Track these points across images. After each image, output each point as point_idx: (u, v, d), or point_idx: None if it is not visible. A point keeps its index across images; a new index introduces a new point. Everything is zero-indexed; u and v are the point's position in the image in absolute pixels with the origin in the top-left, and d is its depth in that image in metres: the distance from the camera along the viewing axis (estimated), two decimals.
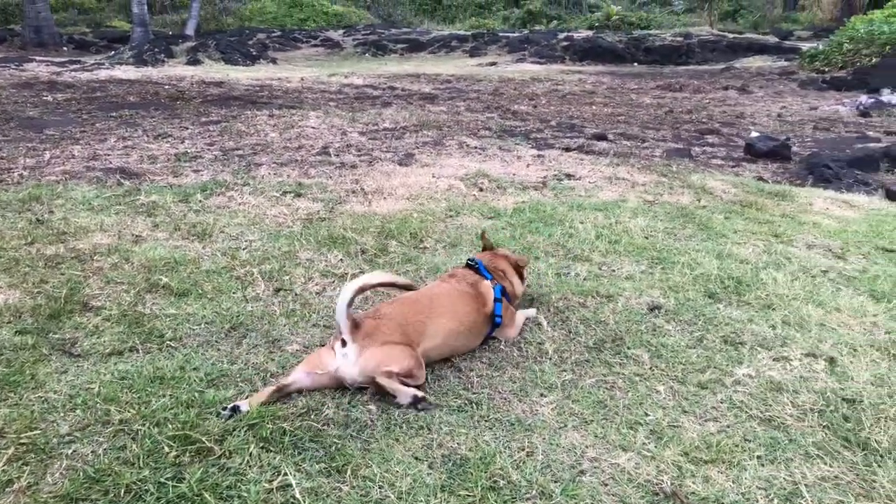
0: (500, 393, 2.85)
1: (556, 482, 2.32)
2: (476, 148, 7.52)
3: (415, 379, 2.78)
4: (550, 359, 3.13)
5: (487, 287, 3.31)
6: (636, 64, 21.58)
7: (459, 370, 3.01)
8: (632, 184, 6.11)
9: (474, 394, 2.83)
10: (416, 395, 2.70)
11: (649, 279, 4.01)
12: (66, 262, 3.97)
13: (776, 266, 4.25)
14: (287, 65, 20.10)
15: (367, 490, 2.26)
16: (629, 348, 3.22)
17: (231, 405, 2.62)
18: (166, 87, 12.80)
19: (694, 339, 3.32)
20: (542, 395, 2.85)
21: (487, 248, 3.66)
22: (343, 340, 2.80)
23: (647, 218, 5.09)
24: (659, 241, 4.63)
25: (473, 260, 3.47)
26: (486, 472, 2.34)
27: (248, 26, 32.47)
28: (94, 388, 2.74)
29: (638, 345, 3.25)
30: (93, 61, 18.21)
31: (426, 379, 2.87)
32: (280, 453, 2.40)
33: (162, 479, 2.25)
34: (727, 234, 4.80)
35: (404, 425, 2.59)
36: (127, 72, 15.54)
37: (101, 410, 2.60)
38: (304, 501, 2.20)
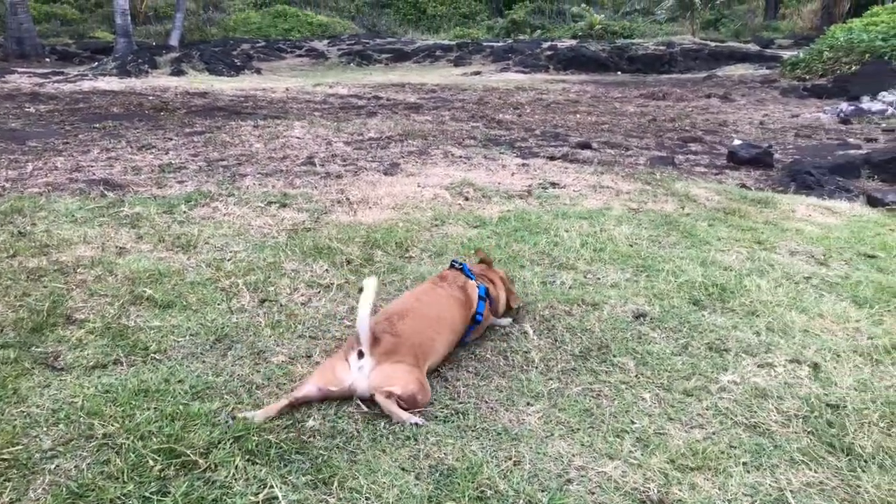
0: (486, 402, 2.85)
1: (543, 491, 2.32)
2: (461, 157, 7.53)
3: (416, 406, 2.72)
4: (537, 367, 3.13)
5: (473, 288, 3.34)
6: (619, 73, 21.74)
7: (446, 380, 3.01)
8: (616, 192, 6.14)
9: (461, 403, 2.83)
10: (414, 423, 2.64)
11: (634, 287, 4.03)
12: (49, 274, 3.94)
13: (760, 273, 4.28)
14: (272, 75, 20.08)
15: (353, 502, 2.25)
16: (615, 356, 3.23)
17: (241, 416, 2.61)
18: (150, 98, 12.75)
19: (679, 347, 3.34)
20: (528, 403, 2.85)
21: (485, 262, 3.67)
22: (360, 352, 2.76)
23: (632, 226, 5.11)
24: (643, 248, 4.66)
25: (457, 262, 3.48)
26: (473, 483, 2.33)
27: (232, 37, 32.43)
28: (77, 401, 2.72)
29: (624, 352, 3.27)
30: (76, 72, 18.11)
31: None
32: (266, 466, 2.39)
33: (147, 494, 2.23)
34: (711, 242, 4.83)
35: (391, 436, 2.59)
36: (110, 83, 15.47)
37: (85, 424, 2.57)
38: None
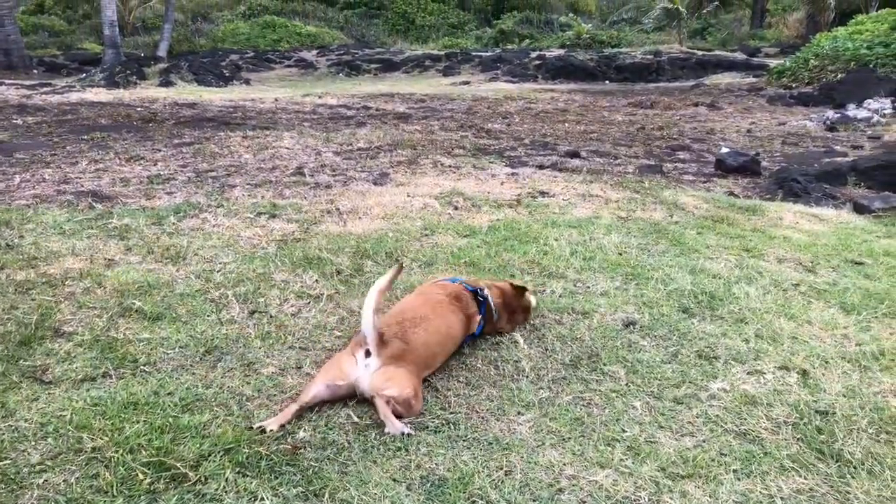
0: (477, 412, 2.85)
1: (534, 501, 2.32)
2: (450, 167, 7.55)
3: (410, 412, 2.76)
4: (527, 377, 3.14)
5: (477, 320, 3.36)
6: (608, 82, 21.85)
7: (437, 389, 3.01)
8: (605, 200, 6.16)
9: (452, 413, 2.83)
10: (405, 433, 2.65)
11: (624, 295, 4.04)
12: (37, 287, 3.91)
13: (748, 280, 4.30)
14: (261, 85, 20.07)
15: None
16: (605, 364, 3.24)
17: (257, 426, 2.64)
18: (138, 109, 12.72)
19: (669, 355, 3.35)
20: (519, 413, 2.85)
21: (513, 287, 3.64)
22: (368, 351, 2.83)
23: (621, 234, 5.13)
24: (633, 257, 4.67)
25: (481, 292, 3.46)
26: (464, 493, 2.33)
27: (220, 47, 32.42)
28: (65, 415, 2.70)
29: (614, 361, 3.27)
30: (63, 84, 18.05)
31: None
32: (256, 478, 2.38)
33: None
34: (700, 250, 4.86)
35: (381, 447, 2.58)
36: (98, 94, 15.41)
37: (74, 438, 2.56)
38: None
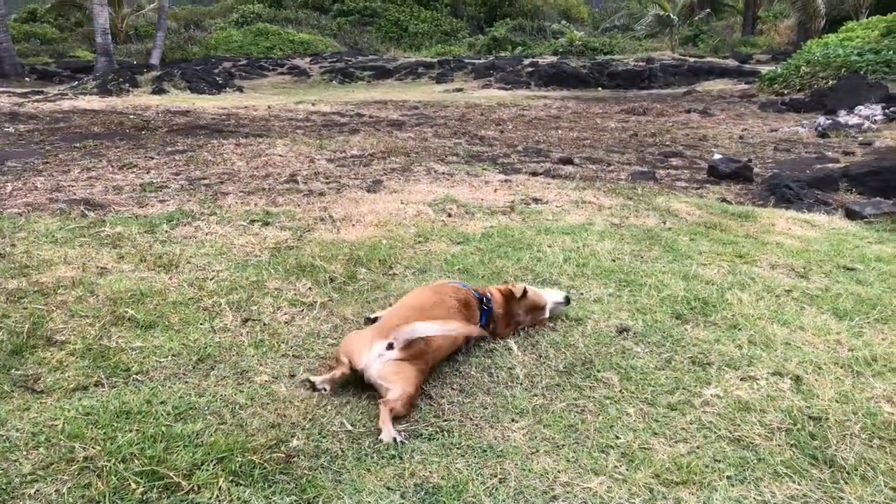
0: (471, 419, 2.84)
1: None
2: (444, 174, 7.56)
3: (407, 408, 2.81)
4: (521, 384, 3.14)
5: (480, 333, 3.43)
6: (600, 88, 21.94)
7: (430, 397, 3.00)
8: (598, 207, 6.18)
9: (445, 421, 2.82)
10: (396, 440, 2.65)
11: (617, 301, 4.04)
12: (29, 296, 3.90)
13: (741, 286, 4.31)
14: (254, 93, 20.08)
15: None
16: (599, 371, 3.24)
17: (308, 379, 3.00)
18: (131, 116, 12.70)
19: (662, 361, 3.35)
20: (513, 420, 2.85)
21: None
22: (391, 344, 2.90)
23: (614, 241, 5.14)
24: (626, 263, 4.68)
25: (486, 302, 3.53)
26: (458, 501, 2.33)
27: (213, 55, 32.45)
28: (57, 424, 2.69)
29: (607, 367, 3.27)
30: (56, 91, 18.02)
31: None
32: (250, 487, 2.37)
33: None
34: (693, 256, 4.87)
35: (375, 455, 2.58)
36: (91, 102, 15.39)
37: (66, 447, 2.54)
38: None
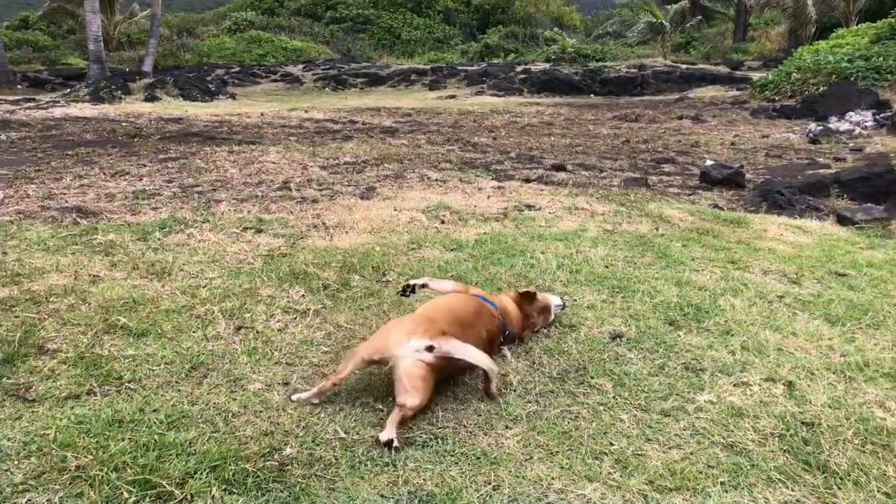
0: (465, 426, 2.84)
1: None
2: (437, 180, 7.56)
3: (405, 424, 2.78)
4: (515, 390, 3.13)
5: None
6: (593, 95, 22.03)
7: None
8: (591, 213, 6.19)
9: (439, 428, 2.82)
10: (391, 442, 2.64)
11: (610, 308, 4.05)
12: (21, 304, 3.88)
13: (734, 292, 4.33)
14: (246, 100, 20.08)
15: None
16: (592, 377, 3.24)
17: (294, 397, 2.99)
18: (123, 124, 12.68)
19: (656, 367, 3.36)
20: (507, 427, 2.84)
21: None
22: (431, 347, 2.89)
23: (607, 247, 5.15)
24: (619, 269, 4.69)
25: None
26: None
27: (206, 62, 32.45)
28: (49, 433, 2.67)
29: (601, 374, 3.28)
30: (48, 99, 18.00)
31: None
32: (243, 495, 2.36)
33: None
34: (685, 262, 4.88)
35: (369, 462, 2.57)
36: (83, 109, 15.36)
37: (58, 457, 2.53)
38: None
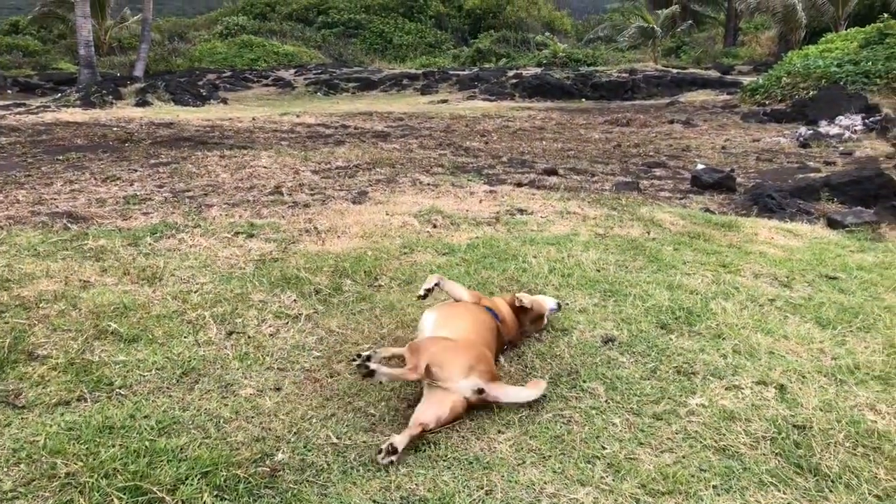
0: (457, 431, 2.84)
1: None
2: (429, 185, 7.56)
3: (413, 435, 2.73)
4: None
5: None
6: (584, 99, 22.08)
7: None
8: (583, 217, 6.20)
9: (431, 433, 2.81)
10: (397, 450, 2.61)
11: (602, 312, 4.06)
12: (10, 310, 3.85)
13: (725, 296, 4.34)
14: (238, 105, 20.05)
15: None
16: (584, 381, 3.24)
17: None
18: (114, 129, 12.63)
19: (648, 371, 3.36)
20: (499, 431, 2.84)
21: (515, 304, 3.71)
22: (481, 389, 2.90)
23: (599, 251, 5.16)
24: (611, 273, 4.69)
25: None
26: None
27: (197, 67, 32.40)
28: (39, 440, 2.65)
29: (593, 378, 3.28)
30: (38, 104, 17.91)
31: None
32: (234, 501, 2.35)
33: None
34: (677, 266, 4.89)
35: (361, 468, 2.56)
36: (74, 114, 15.29)
37: (47, 464, 2.51)
38: None
